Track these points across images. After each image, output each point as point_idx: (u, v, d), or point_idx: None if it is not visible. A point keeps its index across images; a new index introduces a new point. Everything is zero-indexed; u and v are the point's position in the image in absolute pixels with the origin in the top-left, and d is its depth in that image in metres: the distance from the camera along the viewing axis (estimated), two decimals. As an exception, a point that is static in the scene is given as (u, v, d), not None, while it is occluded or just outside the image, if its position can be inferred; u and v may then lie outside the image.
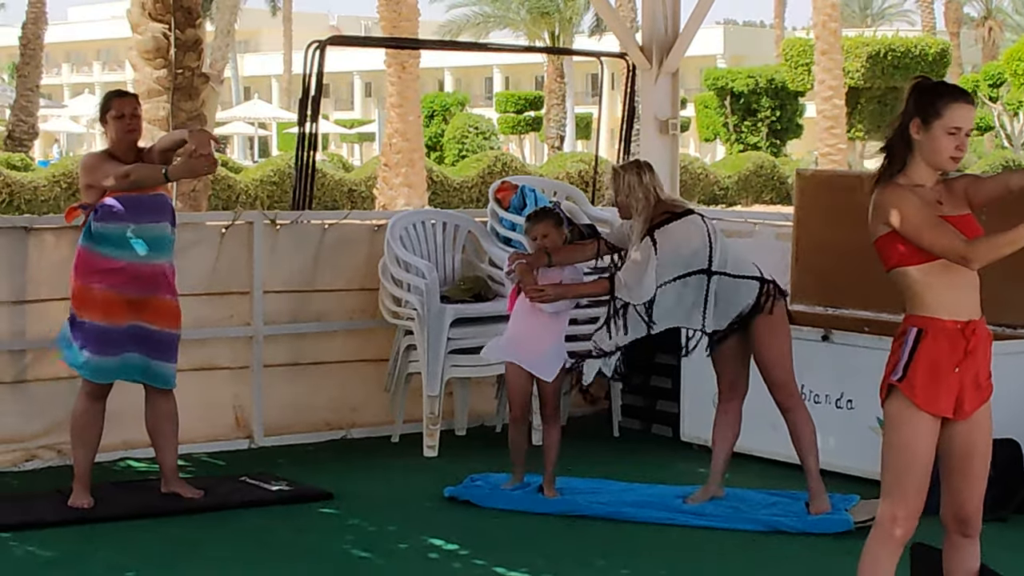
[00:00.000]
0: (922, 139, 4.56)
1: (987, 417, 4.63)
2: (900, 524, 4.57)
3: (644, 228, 6.80)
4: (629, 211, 6.86)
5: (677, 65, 9.72)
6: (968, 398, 4.55)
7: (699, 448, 8.45)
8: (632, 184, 6.81)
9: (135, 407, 7.34)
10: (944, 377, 4.51)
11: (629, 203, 6.84)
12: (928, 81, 4.64)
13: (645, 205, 6.80)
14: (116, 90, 7.45)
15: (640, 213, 6.81)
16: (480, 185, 30.90)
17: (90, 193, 6.98)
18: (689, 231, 6.79)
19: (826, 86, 32.57)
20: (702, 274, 6.77)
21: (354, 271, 8.78)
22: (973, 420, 4.58)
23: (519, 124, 57.03)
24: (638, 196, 6.80)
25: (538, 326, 7.11)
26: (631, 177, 6.83)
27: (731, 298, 6.81)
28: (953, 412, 4.54)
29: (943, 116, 4.53)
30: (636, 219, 6.83)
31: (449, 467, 7.97)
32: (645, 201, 6.80)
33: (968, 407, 4.55)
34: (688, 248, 6.76)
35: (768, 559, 6.41)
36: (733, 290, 6.80)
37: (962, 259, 4.42)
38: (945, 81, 4.78)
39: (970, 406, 4.56)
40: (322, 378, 8.74)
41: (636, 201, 6.81)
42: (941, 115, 4.53)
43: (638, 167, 6.89)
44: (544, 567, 6.19)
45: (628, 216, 6.88)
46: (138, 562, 6.25)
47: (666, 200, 6.88)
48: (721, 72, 43.85)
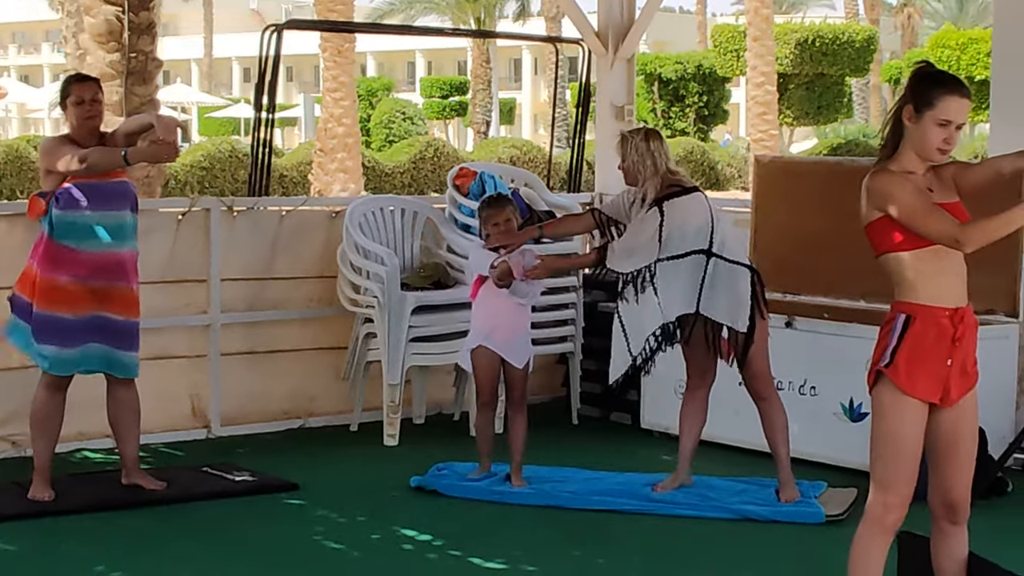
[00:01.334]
0: (912, 127, 4.54)
1: (973, 404, 4.63)
2: (891, 511, 4.56)
3: (653, 195, 6.72)
4: (635, 178, 6.78)
5: (633, 51, 9.72)
6: (955, 385, 4.55)
7: (660, 435, 8.45)
8: (641, 150, 6.74)
9: (91, 398, 7.23)
10: (931, 363, 4.50)
11: (636, 169, 6.77)
12: (929, 69, 4.62)
13: (653, 172, 6.73)
14: (76, 74, 7.30)
15: (648, 179, 6.74)
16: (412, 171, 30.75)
17: (49, 179, 6.84)
18: (696, 207, 6.75)
19: (758, 72, 32.73)
20: (701, 254, 6.73)
21: (312, 258, 8.69)
22: (959, 407, 4.58)
23: (445, 109, 56.87)
24: (646, 163, 6.73)
25: (506, 313, 7.07)
26: (639, 143, 6.76)
27: (727, 285, 6.74)
28: (940, 399, 4.53)
29: (935, 107, 4.51)
30: (644, 185, 6.75)
31: (410, 456, 7.91)
32: (653, 168, 6.73)
33: (954, 394, 4.55)
34: (693, 225, 6.71)
35: (742, 546, 6.40)
36: (729, 277, 6.75)
37: (955, 243, 4.42)
38: (946, 71, 4.76)
39: (956, 393, 4.56)
40: (280, 367, 8.65)
41: (644, 168, 6.74)
42: (933, 105, 4.51)
43: (646, 133, 6.83)
44: (519, 558, 6.15)
45: (633, 183, 6.81)
46: (104, 556, 6.13)
47: (674, 172, 6.82)
48: (650, 58, 43.90)
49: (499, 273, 6.96)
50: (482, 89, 49.61)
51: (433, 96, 57.00)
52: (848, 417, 7.58)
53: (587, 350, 8.98)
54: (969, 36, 43.31)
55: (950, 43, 43.00)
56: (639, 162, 6.74)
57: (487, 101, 49.85)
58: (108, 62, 13.22)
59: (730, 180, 37.74)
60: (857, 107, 51.46)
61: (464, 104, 54.58)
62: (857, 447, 7.40)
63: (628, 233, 6.77)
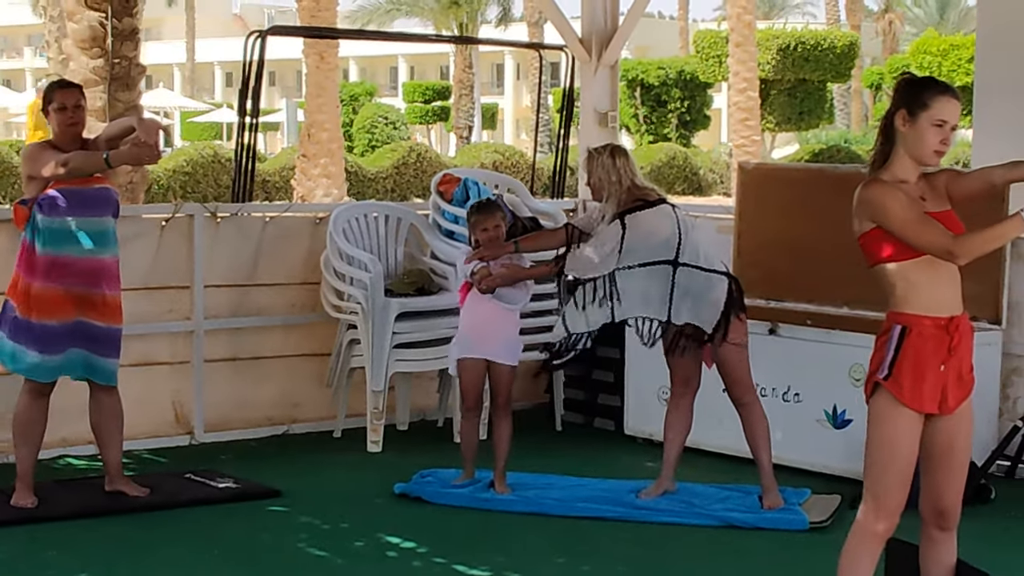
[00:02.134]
0: (907, 131, 4.54)
1: (969, 411, 4.64)
2: (882, 520, 4.57)
3: (615, 211, 6.76)
4: (600, 193, 6.83)
5: (616, 58, 9.72)
6: (952, 393, 4.56)
7: (643, 442, 8.45)
8: (606, 166, 6.79)
9: (74, 404, 7.22)
10: (929, 374, 4.51)
11: (601, 185, 6.81)
12: (915, 76, 4.64)
13: (617, 188, 6.77)
14: (59, 80, 7.30)
15: (612, 196, 6.78)
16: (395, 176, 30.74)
17: (32, 185, 6.83)
18: (660, 220, 6.77)
19: (740, 78, 32.80)
20: (668, 264, 6.73)
21: (295, 265, 8.68)
22: (957, 415, 4.59)
23: (427, 114, 56.85)
24: (611, 179, 6.78)
25: (494, 317, 7.07)
26: (605, 159, 6.81)
27: (703, 293, 6.76)
28: (938, 407, 4.54)
29: (930, 108, 4.52)
30: (607, 201, 6.80)
31: (394, 462, 7.91)
32: (618, 184, 6.77)
33: (952, 402, 4.56)
34: (657, 237, 6.73)
35: (727, 553, 6.41)
36: (704, 285, 6.76)
37: (949, 255, 4.43)
38: (933, 77, 4.77)
39: (954, 401, 4.57)
40: (263, 373, 8.64)
41: (609, 184, 6.79)
42: (928, 107, 4.52)
43: (612, 150, 6.87)
44: (505, 564, 6.14)
45: (599, 199, 6.85)
46: (87, 563, 6.12)
47: (640, 186, 6.85)
48: (632, 63, 43.96)
49: (479, 279, 6.96)
50: (464, 94, 49.62)
51: (416, 101, 56.98)
52: (831, 424, 7.59)
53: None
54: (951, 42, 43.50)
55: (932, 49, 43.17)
56: (604, 178, 6.80)
57: (469, 106, 49.86)
58: (91, 68, 13.17)
59: (712, 186, 37.79)
60: (838, 113, 51.58)
61: (446, 109, 54.59)
62: (841, 454, 7.44)
63: (589, 244, 6.81)
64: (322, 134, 24.74)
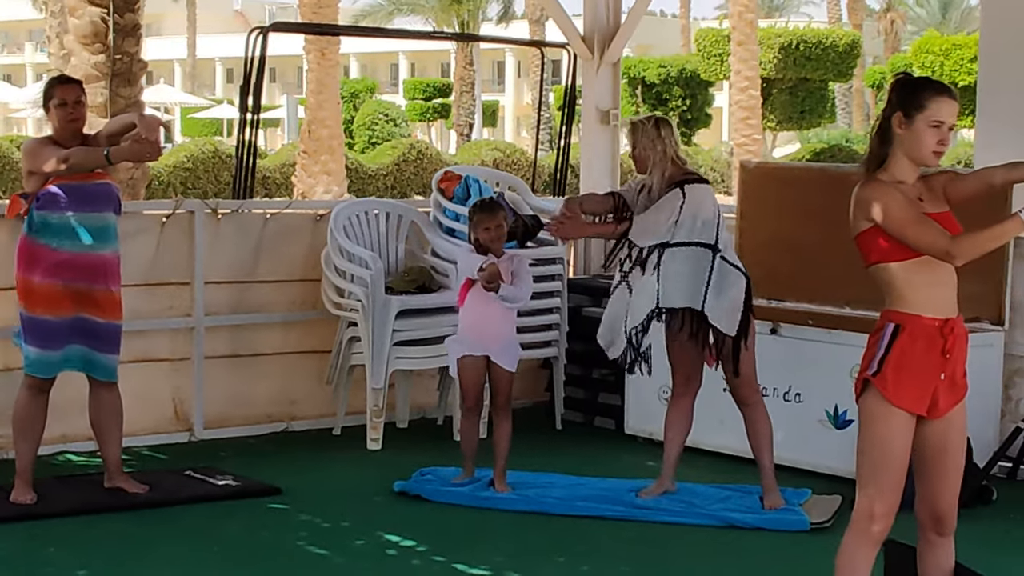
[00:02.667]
0: (904, 133, 4.53)
1: (962, 415, 4.61)
2: (877, 521, 4.54)
3: (663, 181, 6.74)
4: (644, 164, 6.79)
5: (619, 55, 9.71)
6: (943, 397, 4.53)
7: (643, 441, 8.44)
8: (651, 136, 6.76)
9: (74, 400, 7.20)
10: (919, 374, 4.48)
11: (647, 156, 6.77)
12: (910, 76, 4.61)
13: (662, 159, 6.75)
14: (60, 76, 7.27)
15: (656, 166, 6.75)
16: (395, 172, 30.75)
17: (32, 180, 6.82)
18: (707, 198, 6.79)
19: (742, 76, 32.78)
20: (708, 249, 6.72)
21: (296, 262, 8.66)
22: (948, 419, 4.56)
23: (427, 111, 56.83)
24: (656, 149, 6.75)
25: (494, 317, 7.06)
26: (650, 129, 6.79)
27: (725, 289, 6.73)
28: (927, 410, 4.52)
29: (926, 109, 4.50)
30: (651, 172, 6.77)
31: (394, 460, 7.89)
32: (663, 155, 6.75)
33: (943, 406, 4.54)
34: (703, 216, 6.73)
35: (728, 553, 6.39)
36: (729, 280, 6.74)
37: (946, 255, 4.41)
38: (929, 77, 4.75)
39: (944, 405, 4.54)
40: (263, 370, 8.62)
41: (654, 153, 6.76)
42: (924, 108, 4.50)
43: (657, 121, 6.85)
44: (504, 564, 6.13)
45: (643, 170, 6.81)
46: (87, 560, 6.10)
47: (683, 160, 6.86)
48: (633, 61, 43.94)
49: (488, 276, 6.94)
50: (465, 91, 49.59)
51: (416, 98, 56.95)
52: (833, 424, 7.58)
53: (571, 355, 8.97)
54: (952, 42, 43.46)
55: (934, 48, 43.13)
56: (649, 148, 6.76)
57: (470, 103, 49.83)
58: (93, 63, 13.16)
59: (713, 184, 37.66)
60: (840, 112, 51.56)
61: (447, 106, 54.56)
62: (842, 454, 7.41)
63: (650, 210, 6.74)
64: (323, 131, 24.73)
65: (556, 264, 8.83)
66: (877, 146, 4.59)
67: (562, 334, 8.88)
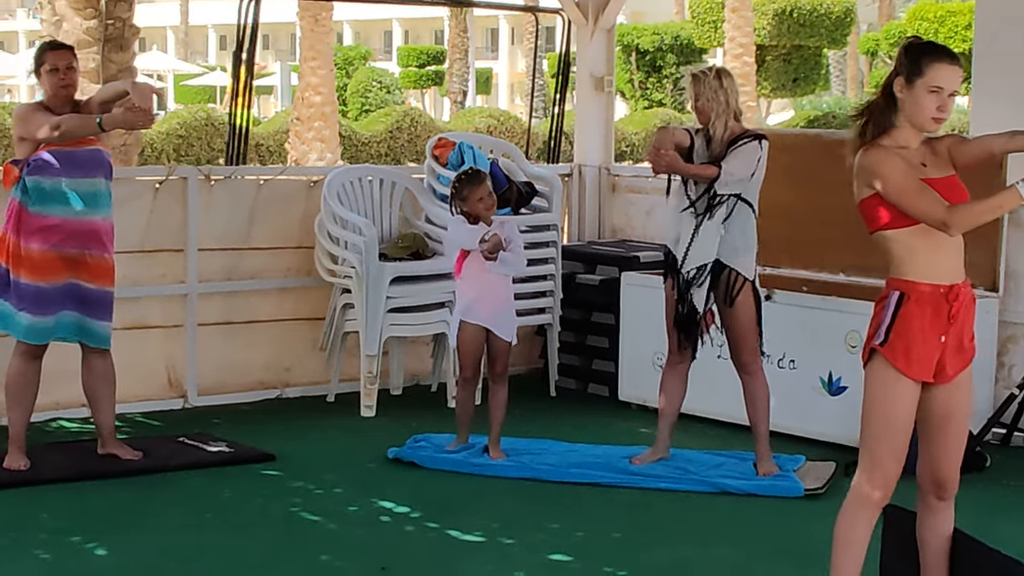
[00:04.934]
0: (905, 97, 4.50)
1: (968, 380, 4.60)
2: (878, 488, 4.54)
3: (725, 132, 6.71)
4: (708, 115, 6.74)
5: (613, 21, 9.70)
6: (950, 362, 4.52)
7: (637, 408, 8.44)
8: (713, 87, 6.72)
9: (67, 367, 7.18)
10: (926, 341, 4.47)
11: (709, 107, 6.72)
12: (918, 40, 4.58)
13: (726, 108, 6.72)
14: (50, 41, 7.24)
15: (720, 116, 6.72)
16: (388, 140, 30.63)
17: (23, 146, 6.79)
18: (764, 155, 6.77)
19: (736, 43, 32.72)
20: (750, 209, 6.76)
21: (289, 228, 8.63)
22: (954, 383, 4.55)
23: (421, 78, 56.64)
24: (719, 99, 6.72)
25: (493, 288, 7.06)
26: (712, 81, 6.74)
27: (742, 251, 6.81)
28: (934, 376, 4.51)
29: (925, 74, 4.46)
30: (716, 122, 6.73)
31: (387, 427, 7.89)
32: (725, 105, 6.73)
33: (950, 371, 4.52)
34: (761, 174, 6.75)
35: (721, 520, 6.39)
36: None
37: (942, 225, 4.38)
38: (935, 42, 4.71)
39: (952, 370, 4.53)
40: (256, 337, 8.60)
41: (717, 104, 6.72)
42: (923, 73, 4.47)
43: (719, 72, 6.82)
44: (498, 531, 6.13)
45: (705, 121, 6.75)
46: (80, 526, 6.10)
47: (740, 113, 6.83)
48: (627, 29, 43.72)
49: (491, 245, 6.93)
50: (459, 59, 49.43)
51: (410, 65, 56.77)
52: (827, 391, 7.58)
53: (565, 322, 8.97)
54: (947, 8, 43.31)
55: (928, 15, 43.00)
56: (712, 99, 6.72)
57: (464, 71, 49.68)
58: (85, 29, 13.08)
59: (707, 152, 37.61)
60: (834, 79, 51.43)
61: (441, 74, 54.39)
62: (836, 421, 7.43)
63: (732, 158, 6.69)
64: (316, 98, 24.65)
65: (550, 231, 8.81)
66: (880, 111, 4.56)
67: (556, 301, 8.88)
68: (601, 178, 9.83)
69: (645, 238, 9.53)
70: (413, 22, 69.14)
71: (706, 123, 6.76)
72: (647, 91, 43.09)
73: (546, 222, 8.79)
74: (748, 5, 33.40)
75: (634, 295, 8.41)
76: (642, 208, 9.62)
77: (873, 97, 4.60)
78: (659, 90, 43.04)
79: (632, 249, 9.15)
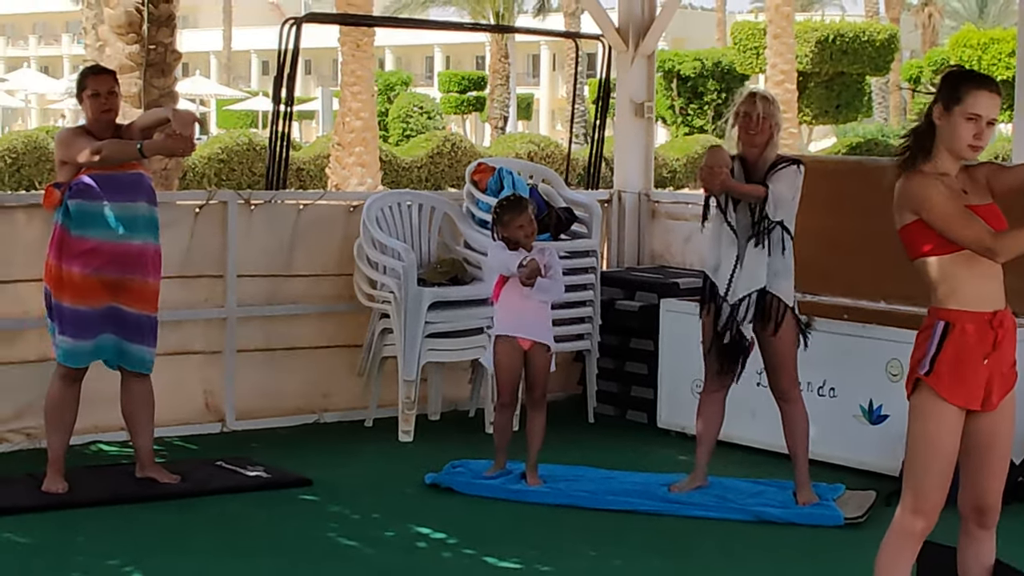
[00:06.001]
0: (943, 125, 4.48)
1: (1012, 406, 4.57)
2: (921, 518, 4.50)
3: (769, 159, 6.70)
4: (767, 137, 6.68)
5: (654, 48, 9.68)
6: (995, 389, 4.49)
7: (676, 435, 8.40)
8: (777, 109, 6.73)
9: (107, 390, 7.21)
10: (972, 370, 4.44)
11: (772, 130, 6.69)
12: (960, 69, 4.56)
13: (779, 134, 6.74)
14: (93, 66, 7.27)
15: (774, 142, 6.71)
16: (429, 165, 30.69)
17: (64, 170, 6.83)
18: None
19: (778, 70, 32.68)
20: (789, 236, 6.74)
21: (329, 253, 8.64)
22: (998, 410, 4.52)
23: (462, 104, 56.81)
24: (779, 122, 6.73)
25: (531, 313, 7.05)
26: (775, 103, 6.75)
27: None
28: (981, 404, 4.47)
29: (963, 102, 4.45)
30: (770, 146, 6.70)
31: (425, 453, 7.87)
32: (779, 129, 6.75)
33: (995, 398, 4.50)
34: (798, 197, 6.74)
35: (759, 548, 6.35)
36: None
37: (988, 252, 4.35)
38: (975, 70, 4.69)
39: (997, 397, 4.50)
40: (295, 362, 8.60)
41: (776, 127, 6.72)
42: (961, 100, 4.45)
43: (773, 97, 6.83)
44: (535, 558, 6.10)
45: (762, 143, 6.69)
46: (118, 550, 6.10)
47: None
48: (669, 55, 43.77)
49: (529, 271, 6.92)
50: (500, 84, 49.55)
51: (451, 91, 56.95)
52: (867, 419, 7.52)
53: (604, 348, 8.94)
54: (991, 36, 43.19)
55: (972, 43, 42.88)
56: (776, 122, 6.71)
57: (505, 96, 49.79)
58: (127, 54, 13.19)
59: (748, 178, 37.51)
60: (877, 106, 51.33)
61: (482, 99, 54.54)
62: (876, 449, 7.38)
63: (780, 183, 6.66)
64: (357, 123, 24.73)
65: (589, 257, 8.79)
66: (921, 138, 4.53)
67: (595, 327, 8.85)
68: (640, 204, 9.81)
69: (684, 264, 9.50)
70: (454, 48, 69.42)
71: (762, 145, 6.70)
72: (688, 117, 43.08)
73: (585, 248, 8.77)
74: (790, 32, 33.37)
75: (673, 321, 8.38)
76: (681, 234, 9.59)
77: (916, 123, 4.58)
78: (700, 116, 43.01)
79: (671, 275, 9.12)
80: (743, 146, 6.75)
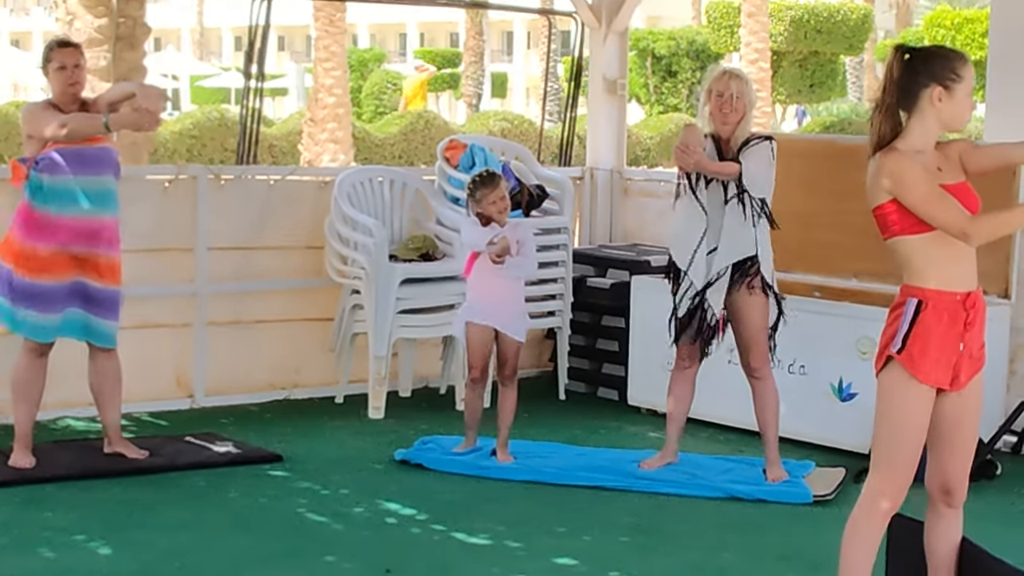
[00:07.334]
0: (944, 105, 4.40)
1: (979, 387, 4.56)
2: (888, 497, 4.50)
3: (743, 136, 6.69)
4: (741, 114, 6.67)
5: (626, 24, 9.66)
6: (964, 370, 4.48)
7: (646, 412, 8.41)
8: (750, 87, 6.71)
9: (75, 365, 7.17)
10: (944, 349, 4.42)
11: (746, 107, 6.67)
12: (929, 48, 4.51)
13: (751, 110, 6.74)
14: (58, 39, 7.21)
15: (749, 117, 6.72)
16: (403, 142, 30.55)
17: (31, 144, 6.78)
18: None
19: (752, 49, 32.64)
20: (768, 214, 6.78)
21: (299, 229, 8.60)
22: (966, 390, 4.51)
23: (436, 81, 56.65)
24: (752, 100, 6.72)
25: (502, 289, 7.03)
26: (748, 80, 6.75)
27: None
28: (950, 383, 4.47)
29: (964, 79, 4.42)
30: (743, 123, 6.69)
31: (396, 429, 7.87)
32: (752, 106, 6.74)
33: (964, 378, 4.48)
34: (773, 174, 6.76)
35: (728, 525, 6.35)
36: None
37: (963, 235, 4.32)
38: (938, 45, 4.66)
39: (965, 377, 4.49)
40: (265, 337, 8.57)
41: (750, 105, 6.70)
42: (963, 78, 4.41)
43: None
44: (505, 534, 6.09)
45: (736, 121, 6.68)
46: (85, 524, 6.07)
47: None
48: (643, 33, 43.66)
49: (499, 249, 6.90)
50: (474, 62, 49.44)
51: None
52: (837, 397, 7.53)
53: (575, 325, 8.93)
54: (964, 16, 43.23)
55: (945, 23, 42.90)
56: (750, 100, 6.70)
57: (479, 74, 49.69)
58: (96, 27, 13.08)
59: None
60: (850, 86, 51.33)
61: (456, 76, 54.41)
62: (846, 427, 7.39)
63: (754, 160, 6.66)
64: (330, 99, 24.62)
65: (561, 234, 8.78)
66: (892, 118, 4.46)
67: (566, 304, 8.84)
68: (613, 181, 9.79)
69: (657, 242, 9.48)
70: (429, 25, 69.18)
71: (735, 123, 6.68)
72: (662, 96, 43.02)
73: (557, 225, 8.76)
74: (765, 11, 33.32)
75: (645, 299, 8.37)
76: (654, 212, 9.58)
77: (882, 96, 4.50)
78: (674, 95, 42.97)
79: (643, 253, 9.11)
80: (716, 124, 6.73)
